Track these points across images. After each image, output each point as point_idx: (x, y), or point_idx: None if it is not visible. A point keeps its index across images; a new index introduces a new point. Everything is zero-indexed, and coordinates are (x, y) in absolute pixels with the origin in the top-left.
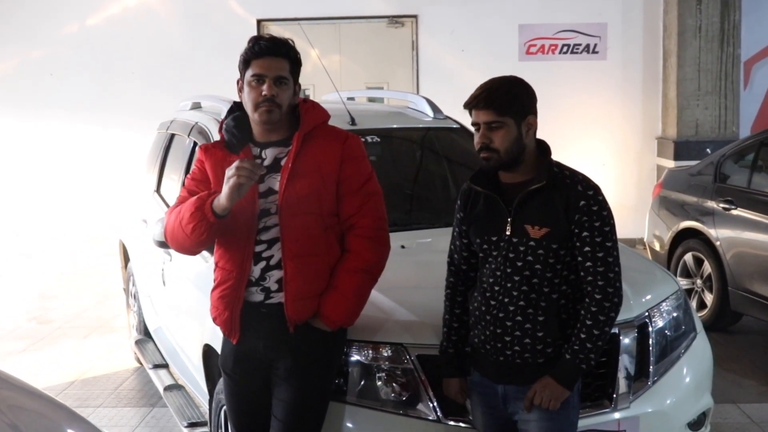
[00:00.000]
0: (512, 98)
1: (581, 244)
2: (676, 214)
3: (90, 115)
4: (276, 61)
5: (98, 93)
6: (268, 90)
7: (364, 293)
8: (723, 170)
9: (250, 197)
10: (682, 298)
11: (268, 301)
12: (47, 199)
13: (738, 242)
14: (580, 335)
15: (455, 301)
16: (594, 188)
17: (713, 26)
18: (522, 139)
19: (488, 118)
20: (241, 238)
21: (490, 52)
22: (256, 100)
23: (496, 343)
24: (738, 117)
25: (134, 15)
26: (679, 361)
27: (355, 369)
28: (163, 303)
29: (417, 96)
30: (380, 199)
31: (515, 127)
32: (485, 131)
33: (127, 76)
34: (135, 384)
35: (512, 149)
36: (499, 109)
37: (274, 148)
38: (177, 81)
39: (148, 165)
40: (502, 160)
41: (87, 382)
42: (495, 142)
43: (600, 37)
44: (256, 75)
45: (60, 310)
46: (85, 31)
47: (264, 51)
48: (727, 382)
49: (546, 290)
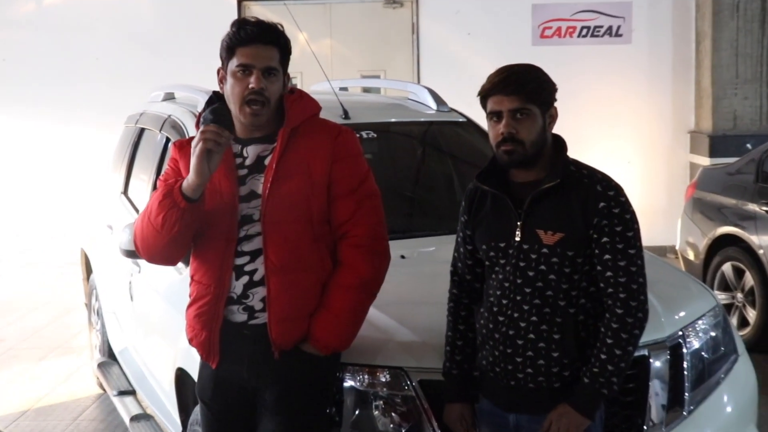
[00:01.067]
0: (540, 84)
1: (601, 251)
2: (712, 218)
3: (47, 106)
4: (265, 50)
5: (57, 81)
6: (256, 82)
7: (360, 312)
8: (766, 168)
9: (229, 199)
10: (720, 315)
11: (251, 321)
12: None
13: None
14: (600, 356)
15: (459, 316)
16: (615, 188)
17: (753, 4)
18: (545, 131)
19: (514, 104)
20: (219, 248)
21: (500, 35)
22: (241, 94)
23: (506, 365)
24: None
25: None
26: (718, 388)
27: (349, 397)
28: (130, 320)
29: (418, 86)
30: (378, 203)
31: (540, 118)
32: (510, 120)
33: (90, 63)
34: (97, 413)
35: (537, 141)
36: (528, 95)
37: (256, 146)
38: (147, 68)
39: (115, 164)
40: (526, 154)
41: (42, 411)
42: (521, 133)
43: (624, 18)
44: (242, 65)
45: (11, 328)
46: (41, 12)
47: (251, 37)
48: None
49: (562, 304)
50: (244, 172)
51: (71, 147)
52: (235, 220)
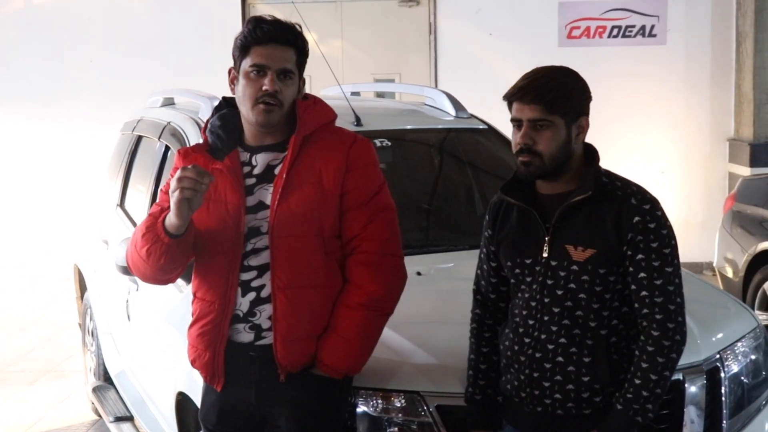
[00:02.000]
0: (566, 93)
1: (635, 269)
2: (753, 233)
3: (38, 111)
4: (281, 50)
5: (48, 84)
6: (270, 84)
7: (371, 333)
8: None
9: (234, 212)
10: (761, 337)
11: (259, 342)
12: None
13: None
14: (635, 381)
15: (482, 337)
16: (651, 201)
17: None
18: (570, 143)
19: (534, 114)
20: (223, 262)
21: (524, 36)
22: (254, 95)
23: (533, 390)
24: None
25: None
26: (759, 415)
27: (362, 423)
28: (127, 342)
29: (435, 90)
30: (393, 216)
31: (564, 129)
32: (528, 130)
33: (83, 65)
34: None
35: (558, 155)
36: (549, 105)
37: (266, 154)
38: (144, 72)
39: (110, 174)
40: (544, 168)
41: None
42: (539, 145)
43: (658, 16)
44: (256, 65)
45: (0, 351)
46: (31, 10)
47: (268, 37)
48: None
49: (592, 325)
50: (252, 181)
51: (63, 155)
52: (240, 234)
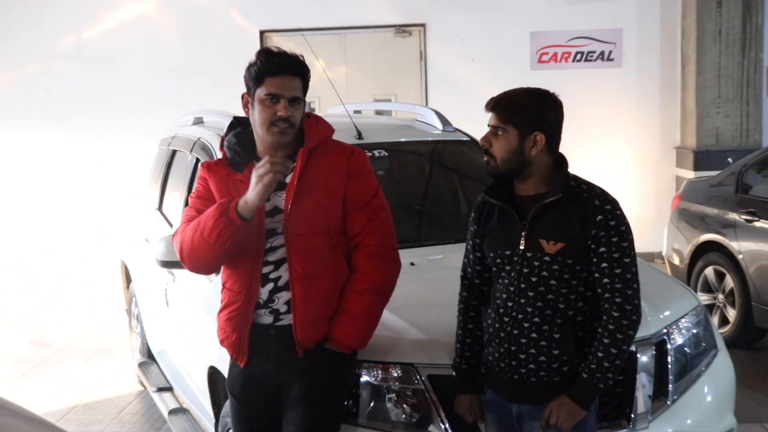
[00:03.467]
0: (519, 108)
1: (598, 259)
2: (696, 226)
3: (88, 131)
4: (291, 81)
5: (96, 108)
6: (284, 111)
7: (374, 315)
8: (745, 180)
9: (257, 216)
10: (702, 314)
11: (277, 323)
12: (45, 217)
13: (762, 255)
14: (598, 354)
15: (468, 316)
16: (612, 202)
17: (734, 30)
18: (523, 153)
19: (492, 121)
20: (249, 259)
21: (501, 61)
22: (269, 120)
23: (511, 361)
24: (761, 125)
25: (132, 27)
26: (699, 380)
27: (365, 390)
28: (166, 324)
29: (426, 108)
30: (388, 216)
31: (517, 139)
32: (488, 135)
33: (125, 91)
34: (138, 408)
35: (510, 160)
36: (501, 114)
37: None
38: (178, 95)
39: (150, 182)
40: (498, 168)
41: (89, 407)
42: (494, 148)
43: (615, 43)
44: (270, 94)
45: (61, 333)
46: (81, 44)
47: (280, 69)
48: (751, 401)
49: (562, 306)
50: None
51: (110, 167)
52: (262, 234)
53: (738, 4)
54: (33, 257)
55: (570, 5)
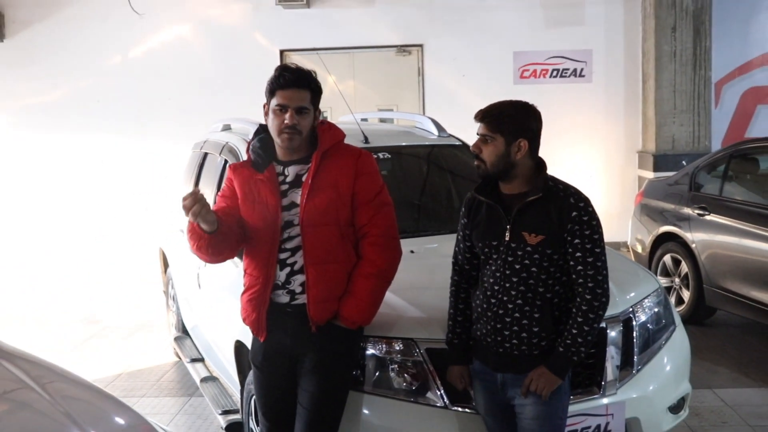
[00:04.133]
0: (505, 119)
1: (573, 250)
2: (655, 219)
3: (133, 136)
4: (298, 93)
5: (139, 117)
6: (290, 119)
7: (378, 295)
8: (697, 180)
9: (273, 210)
10: (662, 295)
11: (294, 302)
12: (97, 212)
13: (711, 244)
14: (572, 330)
15: (459, 297)
16: (585, 200)
17: (687, 51)
18: (510, 157)
19: (481, 131)
20: (265, 247)
21: (487, 76)
22: (279, 127)
23: (496, 337)
24: (710, 132)
25: (171, 47)
26: (660, 352)
27: (371, 362)
28: (198, 304)
29: (423, 117)
30: (391, 210)
31: (504, 146)
32: (478, 142)
33: (164, 102)
34: (174, 376)
35: (498, 164)
36: (489, 125)
37: (295, 166)
38: (209, 105)
39: (185, 180)
40: (488, 171)
41: (132, 375)
42: (484, 153)
43: (586, 62)
44: (279, 105)
45: (106, 311)
46: (127, 63)
47: (288, 83)
48: (704, 369)
49: (541, 290)
50: (286, 187)
51: (149, 167)
52: (278, 226)
53: (690, 29)
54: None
55: (548, 29)
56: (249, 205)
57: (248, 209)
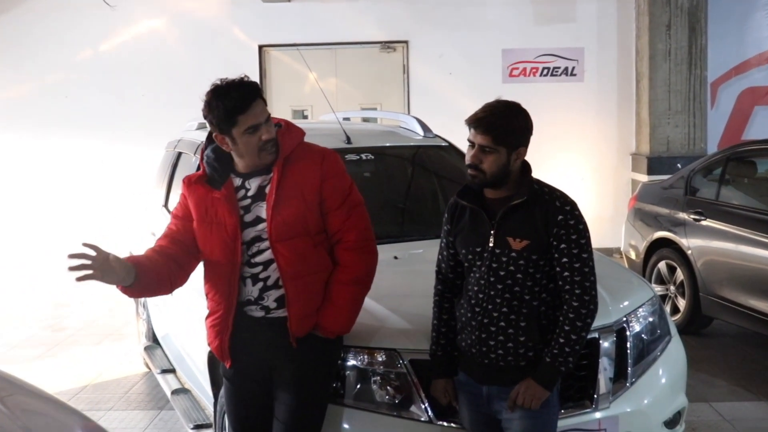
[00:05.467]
0: (511, 130)
1: (559, 255)
2: (650, 225)
3: (103, 134)
4: (258, 106)
5: (110, 114)
6: (268, 134)
7: (357, 303)
8: (693, 184)
9: (232, 231)
10: (657, 304)
11: (269, 315)
12: (62, 212)
13: (708, 251)
14: (559, 340)
15: (443, 307)
16: (571, 204)
17: (682, 50)
18: (509, 166)
19: (484, 142)
20: (225, 271)
21: (475, 74)
22: (256, 146)
23: (481, 347)
24: (706, 134)
25: (144, 41)
26: (655, 363)
27: (351, 373)
28: (170, 311)
29: (408, 116)
30: (363, 210)
31: (506, 156)
32: (478, 152)
33: (137, 99)
34: (144, 388)
35: (498, 174)
36: (496, 137)
37: (257, 178)
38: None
39: (157, 181)
40: (486, 181)
41: (98, 387)
42: (484, 164)
43: (578, 60)
44: (251, 128)
45: (73, 319)
46: (97, 57)
47: (247, 101)
48: (700, 382)
49: (527, 298)
50: (248, 201)
51: (120, 166)
52: (238, 248)
53: (685, 27)
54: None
55: (538, 26)
56: (206, 227)
57: (205, 232)
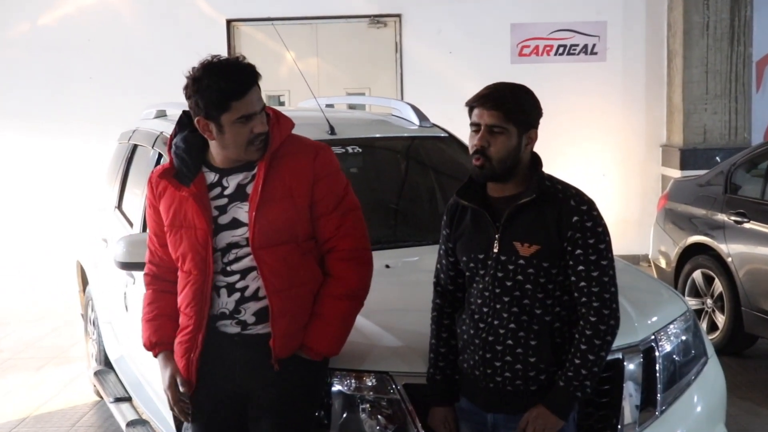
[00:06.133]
0: (522, 106)
1: (574, 262)
2: (683, 228)
3: (43, 123)
4: (256, 91)
5: (52, 100)
6: (261, 127)
7: (349, 320)
8: (734, 180)
9: (202, 236)
10: (691, 320)
11: (245, 332)
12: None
13: (751, 258)
14: (575, 360)
15: (442, 324)
16: (588, 203)
17: (722, 23)
18: (520, 151)
19: (492, 120)
20: (197, 281)
21: (480, 54)
22: (247, 138)
23: (486, 369)
24: (750, 122)
25: (91, 14)
26: (689, 389)
27: (337, 400)
28: (125, 330)
29: (401, 102)
30: (359, 215)
31: (516, 138)
32: (485, 134)
33: (84, 81)
34: (94, 420)
35: (507, 160)
36: (507, 113)
37: (237, 174)
38: (139, 86)
39: (109, 179)
40: (494, 170)
41: (41, 419)
42: (492, 148)
43: (599, 36)
44: (245, 116)
45: (10, 339)
46: (36, 32)
47: (245, 87)
48: (742, 411)
49: (538, 312)
50: (224, 201)
51: (64, 162)
52: (209, 254)
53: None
54: None
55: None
56: (176, 234)
57: (176, 239)
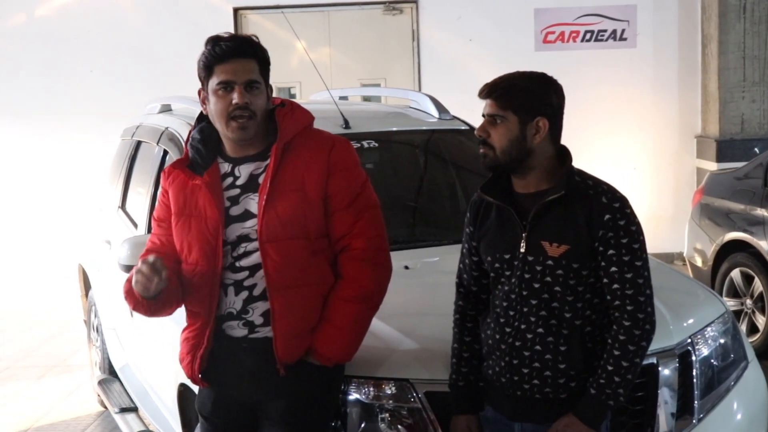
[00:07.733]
0: (518, 92)
1: (606, 263)
2: (720, 224)
3: (41, 119)
4: (244, 63)
5: (51, 94)
6: (239, 98)
7: (362, 325)
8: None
9: (213, 226)
10: (729, 322)
11: (252, 335)
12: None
13: None
14: (607, 367)
15: (465, 327)
16: (620, 200)
17: (760, 5)
18: (525, 141)
19: (489, 109)
20: (206, 274)
21: (502, 41)
22: (226, 110)
23: (513, 376)
24: None
25: (91, 4)
26: (728, 395)
27: (354, 409)
28: (131, 337)
29: (419, 94)
30: (378, 213)
31: (518, 126)
32: (485, 123)
33: (84, 75)
34: (99, 431)
35: (510, 150)
36: (499, 100)
37: (249, 164)
38: (143, 80)
39: (111, 177)
40: (497, 160)
41: (42, 430)
42: (492, 137)
43: (628, 21)
44: (223, 83)
45: (9, 347)
46: (34, 23)
47: (228, 53)
48: None
49: (568, 316)
50: (237, 192)
51: (65, 161)
52: (219, 245)
53: None
54: None
55: None
56: (183, 222)
57: (182, 227)
